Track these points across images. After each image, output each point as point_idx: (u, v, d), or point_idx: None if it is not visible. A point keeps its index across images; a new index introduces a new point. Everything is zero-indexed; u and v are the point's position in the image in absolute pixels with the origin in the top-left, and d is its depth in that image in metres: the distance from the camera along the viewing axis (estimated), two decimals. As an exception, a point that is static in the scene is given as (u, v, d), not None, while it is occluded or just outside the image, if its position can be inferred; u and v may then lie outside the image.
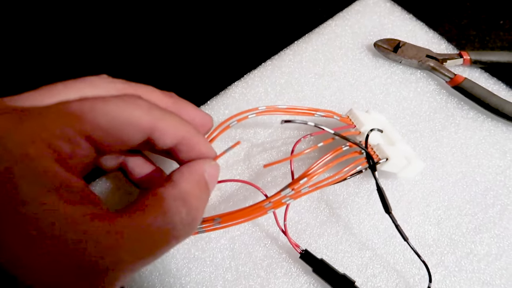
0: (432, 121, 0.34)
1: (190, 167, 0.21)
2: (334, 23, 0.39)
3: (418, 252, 0.27)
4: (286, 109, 0.29)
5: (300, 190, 0.25)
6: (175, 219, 0.18)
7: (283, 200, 0.25)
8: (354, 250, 0.29)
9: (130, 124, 0.18)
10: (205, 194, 0.21)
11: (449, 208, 0.31)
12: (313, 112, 0.29)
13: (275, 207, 0.24)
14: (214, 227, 0.23)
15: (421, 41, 0.38)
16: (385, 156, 0.27)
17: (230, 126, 0.28)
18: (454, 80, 0.35)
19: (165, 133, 0.20)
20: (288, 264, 0.29)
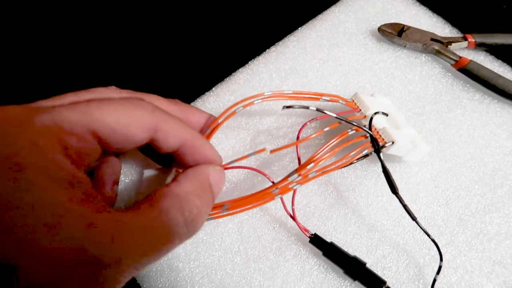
0: (438, 103, 0.34)
1: (194, 169, 0.21)
2: (337, 9, 0.39)
3: (428, 232, 0.26)
4: (291, 94, 0.28)
5: (307, 175, 0.25)
6: (177, 218, 0.18)
7: (290, 186, 0.25)
8: (363, 232, 0.29)
9: (134, 123, 0.19)
10: (209, 196, 0.21)
11: (458, 189, 0.31)
12: (318, 97, 0.29)
13: (282, 192, 0.24)
14: (222, 214, 0.23)
15: (425, 25, 0.38)
16: (391, 140, 0.27)
17: (236, 112, 0.27)
18: (459, 62, 0.34)
19: (168, 134, 0.20)
20: (298, 246, 0.29)
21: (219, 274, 0.28)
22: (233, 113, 0.27)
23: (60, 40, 0.42)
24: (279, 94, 0.28)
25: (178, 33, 0.42)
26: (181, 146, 0.22)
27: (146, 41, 0.42)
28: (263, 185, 0.31)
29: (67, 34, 0.42)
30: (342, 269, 0.27)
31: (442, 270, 0.27)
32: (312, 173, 0.25)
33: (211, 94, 0.35)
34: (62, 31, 0.42)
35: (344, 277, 0.27)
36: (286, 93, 0.28)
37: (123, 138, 0.19)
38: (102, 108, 0.18)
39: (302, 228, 0.28)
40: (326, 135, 0.32)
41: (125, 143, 0.19)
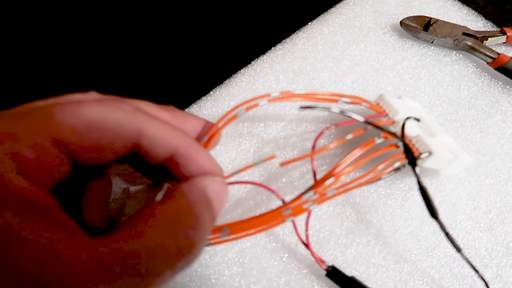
0: (474, 108, 0.29)
1: (189, 183, 0.18)
2: (352, 2, 0.35)
3: (474, 265, 0.21)
4: (304, 95, 0.24)
5: (325, 193, 0.20)
6: (167, 244, 0.14)
7: (305, 206, 0.20)
8: (389, 263, 0.24)
9: (110, 126, 0.16)
10: (208, 215, 0.17)
11: (503, 211, 0.26)
12: (336, 98, 0.24)
13: (295, 214, 0.20)
14: (221, 239, 0.19)
15: (455, 18, 0.33)
16: (427, 150, 0.22)
17: (237, 116, 0.23)
18: (497, 60, 0.30)
19: (155, 141, 0.17)
20: (310, 281, 0.24)
21: (215, 315, 0.24)
22: (234, 116, 0.22)
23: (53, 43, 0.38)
24: (289, 95, 0.23)
25: (172, 28, 0.38)
26: (172, 155, 0.18)
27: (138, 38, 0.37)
28: (269, 204, 0.27)
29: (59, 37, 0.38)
30: None
31: None
32: (332, 191, 0.20)
33: (208, 98, 0.31)
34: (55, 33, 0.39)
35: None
36: (298, 93, 0.23)
37: (95, 147, 0.16)
38: (66, 112, 0.15)
39: (317, 258, 0.23)
40: (346, 145, 0.27)
41: (99, 152, 0.16)
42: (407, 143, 0.22)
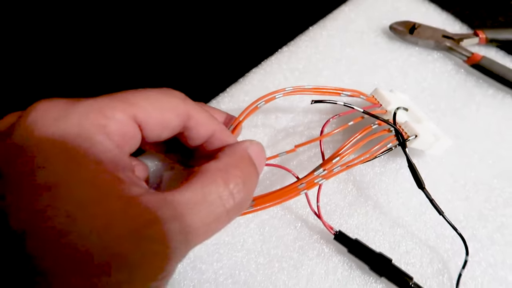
0: (453, 100, 0.34)
1: (232, 146, 0.21)
2: (347, 8, 0.39)
3: (454, 226, 0.26)
4: (312, 89, 0.28)
5: (332, 169, 0.25)
6: (222, 191, 0.18)
7: (316, 180, 0.24)
8: (385, 228, 0.29)
9: (169, 108, 0.19)
10: (252, 169, 0.20)
11: (477, 184, 0.31)
12: (339, 92, 0.29)
13: (308, 187, 0.24)
14: (248, 210, 0.23)
15: (435, 22, 0.38)
16: (414, 133, 0.27)
17: (258, 107, 0.27)
18: (472, 58, 0.35)
19: (199, 123, 0.21)
20: (320, 245, 0.29)
21: (242, 274, 0.28)
22: (255, 108, 0.27)
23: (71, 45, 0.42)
24: (300, 89, 0.28)
25: (191, 36, 0.42)
26: (210, 137, 0.22)
27: (161, 44, 0.42)
28: (283, 182, 0.31)
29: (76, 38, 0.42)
30: (368, 266, 0.27)
31: (460, 283, 0.27)
32: (337, 168, 0.25)
33: (225, 95, 0.35)
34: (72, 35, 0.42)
35: (369, 273, 0.27)
36: (307, 88, 0.28)
37: (159, 123, 0.19)
38: (138, 96, 0.18)
39: (326, 225, 0.28)
40: (346, 130, 0.32)
41: (161, 130, 0.19)
42: (397, 128, 0.27)
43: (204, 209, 0.17)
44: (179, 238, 0.16)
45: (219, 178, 0.18)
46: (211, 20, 0.43)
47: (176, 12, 0.43)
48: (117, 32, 0.42)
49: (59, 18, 0.43)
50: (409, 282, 0.26)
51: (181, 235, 0.16)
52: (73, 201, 0.14)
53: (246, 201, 0.19)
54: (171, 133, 0.20)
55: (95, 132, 0.16)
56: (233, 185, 0.18)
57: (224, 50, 0.41)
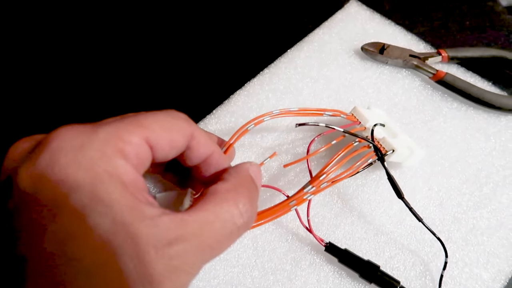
0: (422, 113, 0.37)
1: (235, 167, 0.23)
2: (321, 32, 0.42)
3: (433, 231, 0.29)
4: (297, 111, 0.31)
5: (320, 185, 0.27)
6: (233, 210, 0.19)
7: (305, 197, 0.26)
8: (370, 236, 0.31)
9: (177, 130, 0.20)
10: (255, 188, 0.22)
11: (449, 190, 0.33)
12: (321, 113, 0.31)
13: (298, 203, 0.26)
14: None
15: (402, 42, 0.41)
16: (391, 148, 0.30)
17: (248, 130, 0.29)
18: (436, 75, 0.38)
19: (200, 143, 0.22)
20: (312, 256, 0.31)
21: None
22: (245, 131, 0.29)
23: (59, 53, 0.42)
24: (286, 112, 0.30)
25: (178, 60, 0.43)
26: (207, 157, 0.23)
27: (149, 68, 0.43)
28: (273, 200, 0.32)
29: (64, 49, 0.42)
30: (357, 273, 0.29)
31: (442, 284, 0.29)
32: (324, 184, 0.27)
33: (212, 116, 0.37)
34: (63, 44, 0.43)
35: (359, 280, 0.29)
36: (293, 110, 0.30)
37: (168, 144, 0.20)
38: (150, 119, 0.19)
39: (318, 238, 0.29)
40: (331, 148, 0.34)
41: (170, 150, 0.20)
42: (376, 144, 0.29)
43: (218, 227, 0.18)
44: (197, 255, 0.17)
45: (230, 198, 0.19)
46: (196, 45, 0.44)
47: (163, 37, 0.45)
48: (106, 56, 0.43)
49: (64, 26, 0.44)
50: (397, 286, 0.28)
51: (198, 251, 0.17)
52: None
53: (253, 218, 0.21)
54: (177, 153, 0.21)
55: (116, 156, 0.17)
56: (242, 204, 0.20)
57: (208, 73, 0.42)
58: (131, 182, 0.17)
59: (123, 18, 0.46)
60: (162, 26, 0.45)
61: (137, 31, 0.45)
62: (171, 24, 0.46)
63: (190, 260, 0.17)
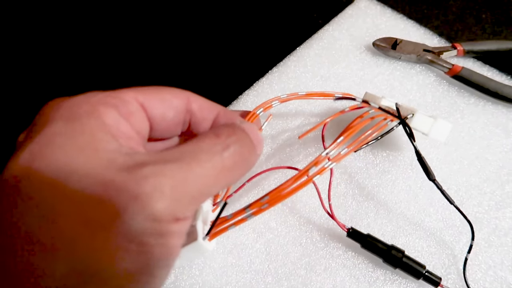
0: (438, 110, 0.36)
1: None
2: (331, 28, 0.41)
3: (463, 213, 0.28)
4: (305, 95, 0.30)
5: (340, 152, 0.24)
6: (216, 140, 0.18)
7: (325, 165, 0.23)
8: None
9: (168, 91, 0.21)
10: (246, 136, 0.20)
11: (469, 189, 0.32)
12: (331, 94, 0.30)
13: (319, 172, 0.23)
14: (263, 208, 0.22)
15: (415, 37, 0.40)
16: (410, 112, 0.29)
17: (258, 115, 0.28)
18: (452, 70, 0.37)
19: (202, 106, 0.22)
20: (326, 260, 0.29)
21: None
22: (256, 116, 0.28)
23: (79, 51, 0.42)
24: (293, 95, 0.29)
25: (183, 62, 0.42)
26: (215, 119, 0.22)
27: (156, 68, 0.42)
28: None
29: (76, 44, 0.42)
30: (381, 258, 0.28)
31: (466, 267, 0.28)
32: (344, 149, 0.24)
33: (220, 118, 0.36)
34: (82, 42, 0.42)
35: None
36: (300, 94, 0.29)
37: (160, 104, 0.20)
38: (141, 87, 0.20)
39: (340, 224, 0.28)
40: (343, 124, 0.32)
41: (164, 110, 0.20)
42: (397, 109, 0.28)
43: (201, 155, 0.17)
44: (178, 180, 0.16)
45: (211, 133, 0.19)
46: (203, 44, 0.43)
47: (169, 37, 0.44)
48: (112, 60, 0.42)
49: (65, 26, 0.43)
50: (423, 271, 0.27)
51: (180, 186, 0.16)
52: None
53: (244, 157, 0.19)
54: (176, 114, 0.21)
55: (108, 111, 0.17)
56: (225, 137, 0.18)
57: (216, 73, 0.41)
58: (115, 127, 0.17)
59: (129, 17, 0.46)
60: (168, 25, 0.45)
61: (143, 31, 0.45)
62: (177, 23, 0.45)
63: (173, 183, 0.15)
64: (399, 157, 0.33)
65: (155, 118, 0.20)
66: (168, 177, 0.15)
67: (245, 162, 0.19)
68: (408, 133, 0.28)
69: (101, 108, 0.17)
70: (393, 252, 0.28)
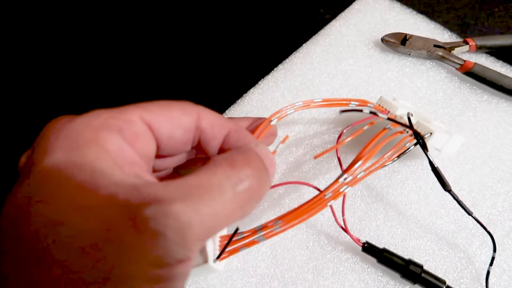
0: (449, 107, 0.35)
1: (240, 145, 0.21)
2: (338, 23, 0.40)
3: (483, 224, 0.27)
4: (321, 103, 0.29)
5: (356, 175, 0.24)
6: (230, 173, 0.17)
7: (341, 189, 0.23)
8: (397, 241, 0.29)
9: (177, 107, 0.19)
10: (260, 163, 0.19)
11: (482, 189, 0.31)
12: (347, 103, 0.29)
13: (335, 197, 0.23)
14: (276, 231, 0.22)
15: (425, 32, 0.39)
16: (429, 131, 0.27)
17: (272, 125, 0.27)
18: (464, 66, 0.35)
19: (212, 122, 0.20)
20: (334, 264, 0.29)
21: (258, 301, 0.28)
22: (269, 126, 0.27)
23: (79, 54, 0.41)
24: (309, 103, 0.28)
25: (187, 61, 0.42)
26: (226, 136, 0.21)
27: (159, 68, 0.41)
28: (302, 199, 0.30)
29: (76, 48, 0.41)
30: (399, 273, 0.27)
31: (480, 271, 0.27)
32: (361, 173, 0.24)
33: (225, 116, 0.35)
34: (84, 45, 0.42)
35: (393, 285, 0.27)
36: (316, 102, 0.28)
37: (168, 121, 0.19)
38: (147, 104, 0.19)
39: (354, 238, 0.27)
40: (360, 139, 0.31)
41: (172, 129, 0.19)
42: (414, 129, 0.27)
43: (212, 191, 0.16)
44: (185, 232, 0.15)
45: (225, 163, 0.17)
46: (207, 41, 0.43)
47: (172, 36, 0.43)
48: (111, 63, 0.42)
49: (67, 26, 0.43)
50: (443, 286, 0.26)
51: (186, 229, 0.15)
52: None
53: (257, 192, 0.18)
54: (185, 133, 0.20)
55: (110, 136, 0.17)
56: (239, 169, 0.17)
57: (220, 71, 0.41)
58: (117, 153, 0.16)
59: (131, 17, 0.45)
60: (171, 24, 0.44)
61: (146, 31, 0.44)
62: (181, 22, 0.44)
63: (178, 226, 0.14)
64: (409, 156, 0.32)
65: (162, 138, 0.19)
66: (172, 219, 0.14)
67: (259, 196, 0.18)
68: (424, 149, 0.27)
69: (104, 134, 0.16)
70: (412, 268, 0.26)
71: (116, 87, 0.40)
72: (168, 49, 0.42)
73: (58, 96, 0.40)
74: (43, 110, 0.39)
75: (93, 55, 0.42)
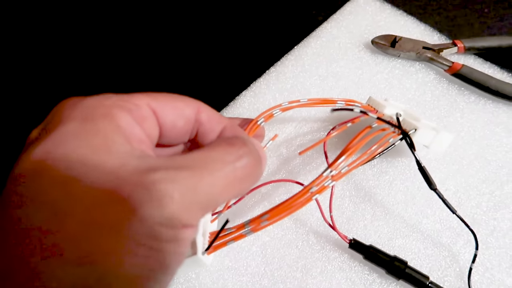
0: (437, 108, 0.36)
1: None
2: (329, 25, 0.40)
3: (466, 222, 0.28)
4: (307, 102, 0.29)
5: (340, 170, 0.24)
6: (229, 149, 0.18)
7: (326, 183, 0.24)
8: (383, 240, 0.30)
9: (180, 99, 0.20)
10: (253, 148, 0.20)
11: (467, 189, 0.32)
12: (333, 101, 0.30)
13: (320, 191, 0.23)
14: (263, 225, 0.22)
15: (415, 34, 0.39)
16: (413, 127, 0.28)
17: (259, 125, 0.28)
18: (452, 68, 0.36)
19: (211, 116, 0.21)
20: (323, 263, 0.30)
21: (249, 298, 0.29)
22: (257, 126, 0.28)
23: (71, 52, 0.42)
24: (295, 103, 0.29)
25: (180, 63, 0.42)
26: (222, 131, 0.22)
27: (151, 69, 0.42)
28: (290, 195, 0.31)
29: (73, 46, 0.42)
30: (384, 269, 0.28)
31: (464, 271, 0.28)
32: (345, 168, 0.24)
33: (217, 119, 0.36)
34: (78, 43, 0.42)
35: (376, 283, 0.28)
36: (302, 101, 0.29)
37: (172, 111, 0.20)
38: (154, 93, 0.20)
39: (342, 235, 0.28)
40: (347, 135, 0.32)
41: (175, 117, 0.20)
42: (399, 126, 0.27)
43: (215, 163, 0.17)
44: (189, 197, 0.16)
45: (224, 143, 0.19)
46: (199, 44, 0.43)
47: (164, 37, 0.44)
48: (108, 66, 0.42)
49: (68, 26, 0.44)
50: (426, 282, 0.27)
51: (190, 194, 0.16)
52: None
53: (254, 170, 0.19)
54: (186, 123, 0.21)
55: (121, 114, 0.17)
56: (239, 147, 0.18)
57: (212, 74, 0.41)
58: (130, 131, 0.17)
59: (125, 18, 0.45)
60: (163, 26, 0.45)
61: (139, 32, 0.44)
62: (172, 23, 0.45)
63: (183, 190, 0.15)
64: (397, 158, 0.33)
65: (165, 125, 0.20)
66: (179, 184, 0.15)
67: (254, 175, 0.19)
68: (410, 146, 0.27)
69: (116, 111, 0.17)
70: (396, 263, 0.27)
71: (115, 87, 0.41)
72: (161, 52, 0.43)
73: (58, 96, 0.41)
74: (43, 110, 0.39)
75: (90, 56, 0.43)
